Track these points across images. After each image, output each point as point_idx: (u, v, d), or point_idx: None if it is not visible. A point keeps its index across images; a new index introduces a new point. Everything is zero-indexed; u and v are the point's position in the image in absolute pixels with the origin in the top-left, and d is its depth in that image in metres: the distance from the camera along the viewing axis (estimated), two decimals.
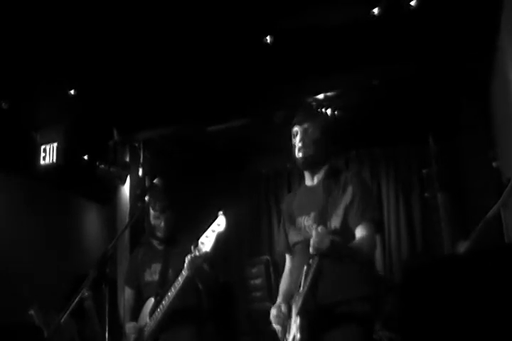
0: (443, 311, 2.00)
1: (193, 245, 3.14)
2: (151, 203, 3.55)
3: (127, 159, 5.99)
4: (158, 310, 3.37)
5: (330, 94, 5.20)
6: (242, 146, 6.38)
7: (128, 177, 5.92)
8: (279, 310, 2.66)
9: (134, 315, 3.59)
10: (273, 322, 2.67)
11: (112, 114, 5.54)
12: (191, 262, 3.17)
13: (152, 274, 3.59)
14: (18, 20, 4.23)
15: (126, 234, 5.37)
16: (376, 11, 4.21)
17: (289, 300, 2.67)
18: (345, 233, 2.54)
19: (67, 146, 5.49)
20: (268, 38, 4.52)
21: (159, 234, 3.63)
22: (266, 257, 6.14)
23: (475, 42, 4.41)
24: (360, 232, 2.60)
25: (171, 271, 3.50)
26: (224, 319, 5.08)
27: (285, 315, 2.62)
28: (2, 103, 5.16)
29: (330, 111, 5.29)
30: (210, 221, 3.12)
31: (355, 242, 2.58)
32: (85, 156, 5.67)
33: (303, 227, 2.74)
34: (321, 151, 2.78)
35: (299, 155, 2.77)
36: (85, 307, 3.99)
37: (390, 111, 5.52)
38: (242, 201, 6.76)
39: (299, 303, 2.50)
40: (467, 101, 5.09)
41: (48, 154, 5.49)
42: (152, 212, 3.60)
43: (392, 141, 6.24)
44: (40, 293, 5.28)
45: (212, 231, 3.10)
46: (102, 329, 3.11)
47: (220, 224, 3.09)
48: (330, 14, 4.31)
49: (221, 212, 3.10)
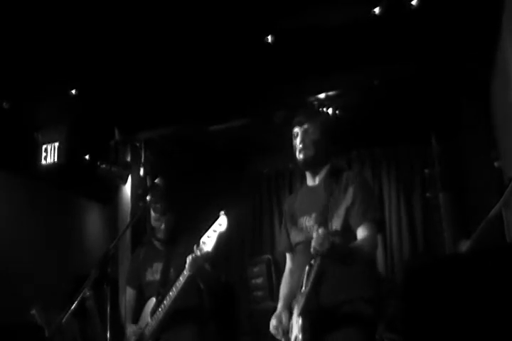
0: (445, 311, 2.00)
1: (195, 245, 3.15)
2: (151, 205, 3.55)
3: (128, 159, 5.98)
4: (160, 310, 3.37)
5: (331, 93, 5.21)
6: (242, 146, 6.38)
7: (129, 177, 5.92)
8: (279, 321, 2.66)
9: (136, 315, 3.59)
10: (272, 333, 2.66)
11: (114, 113, 5.54)
12: (193, 262, 3.17)
13: (154, 274, 3.59)
14: (20, 20, 4.24)
15: (128, 233, 5.37)
16: (377, 11, 4.21)
17: (289, 306, 2.66)
18: (346, 234, 2.55)
19: (69, 146, 5.49)
20: (269, 38, 4.52)
21: (160, 235, 3.63)
22: (267, 256, 6.13)
23: (475, 42, 4.41)
24: (361, 232, 2.60)
25: (172, 270, 3.49)
26: (225, 319, 5.07)
27: (285, 326, 2.61)
28: (3, 102, 5.16)
29: (331, 111, 5.29)
30: (212, 221, 3.12)
31: (356, 243, 2.58)
32: (86, 156, 5.66)
33: (304, 228, 2.74)
34: (321, 152, 2.78)
35: (300, 156, 2.78)
36: (87, 306, 3.99)
37: (390, 111, 5.52)
38: (243, 201, 6.75)
39: (301, 304, 2.49)
40: (467, 101, 5.08)
41: (49, 154, 5.49)
42: (153, 214, 3.60)
43: (393, 141, 6.23)
44: (40, 293, 5.30)
45: (214, 231, 3.10)
46: (104, 328, 3.10)
47: (221, 224, 3.09)
48: (330, 14, 4.31)
49: (223, 212, 3.11)
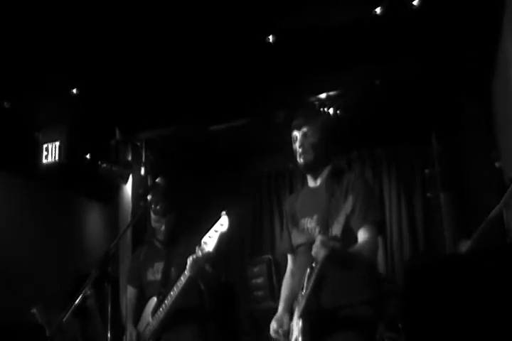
0: (446, 311, 2.00)
1: (197, 245, 3.14)
2: (152, 206, 3.55)
3: (129, 158, 5.99)
4: (161, 310, 3.38)
5: (332, 93, 5.21)
6: (243, 146, 6.37)
7: (130, 177, 5.92)
8: (279, 324, 2.66)
9: (136, 314, 3.59)
10: (272, 337, 2.66)
11: (114, 113, 5.54)
12: (194, 263, 3.17)
13: (154, 273, 3.59)
14: (21, 19, 4.24)
15: (129, 233, 5.37)
16: (378, 11, 4.21)
17: (290, 308, 2.65)
18: (346, 237, 2.51)
19: (70, 145, 5.49)
20: (269, 38, 4.52)
21: (160, 236, 3.64)
22: (268, 256, 6.11)
23: (476, 42, 4.42)
24: (362, 235, 2.59)
25: (173, 270, 3.50)
26: (226, 318, 5.08)
27: (285, 331, 2.61)
28: (4, 102, 5.16)
29: (332, 111, 5.29)
30: (213, 221, 3.12)
31: (356, 247, 2.56)
32: (87, 155, 5.66)
33: (306, 229, 2.73)
34: (321, 154, 2.76)
35: (300, 160, 2.77)
36: (87, 306, 4.00)
37: (391, 111, 5.51)
38: (243, 201, 6.75)
39: (301, 306, 2.49)
40: (468, 101, 5.08)
41: (50, 153, 5.49)
42: (153, 216, 3.60)
43: (393, 141, 6.23)
44: (40, 293, 5.29)
45: (215, 232, 3.10)
46: (104, 328, 3.10)
47: (223, 224, 3.09)
48: (331, 14, 4.31)
49: (224, 212, 3.11)
